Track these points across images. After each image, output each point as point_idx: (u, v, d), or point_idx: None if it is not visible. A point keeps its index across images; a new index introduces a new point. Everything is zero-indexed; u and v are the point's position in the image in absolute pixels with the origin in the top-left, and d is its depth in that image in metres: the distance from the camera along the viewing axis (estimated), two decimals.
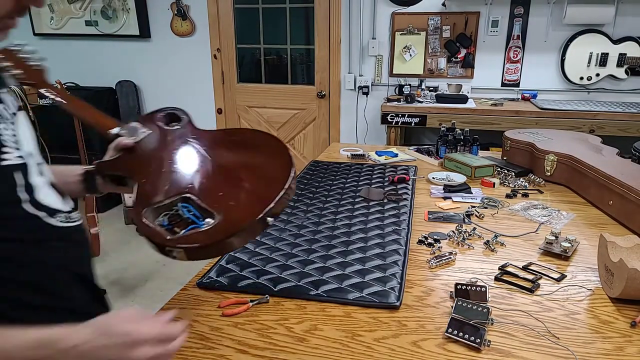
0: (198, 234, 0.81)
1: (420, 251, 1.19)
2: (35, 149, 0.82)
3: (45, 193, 0.79)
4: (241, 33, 3.95)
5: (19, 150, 0.75)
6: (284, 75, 3.98)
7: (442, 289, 1.02)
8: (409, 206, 1.46)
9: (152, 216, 0.87)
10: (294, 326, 0.89)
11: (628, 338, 0.86)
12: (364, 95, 3.77)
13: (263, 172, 0.91)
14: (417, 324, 0.90)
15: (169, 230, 0.84)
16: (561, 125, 2.94)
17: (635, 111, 2.94)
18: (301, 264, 1.10)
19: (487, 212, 1.44)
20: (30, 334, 0.63)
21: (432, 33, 3.53)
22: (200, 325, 0.90)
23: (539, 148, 1.74)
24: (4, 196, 0.71)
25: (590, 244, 1.23)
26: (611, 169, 1.46)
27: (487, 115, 3.09)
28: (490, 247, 1.20)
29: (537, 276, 1.06)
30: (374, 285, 1.01)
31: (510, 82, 3.52)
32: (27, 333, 0.64)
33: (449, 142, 2.00)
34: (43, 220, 0.77)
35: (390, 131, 3.29)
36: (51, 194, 0.81)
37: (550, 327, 0.89)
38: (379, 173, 1.80)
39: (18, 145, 0.75)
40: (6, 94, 0.80)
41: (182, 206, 0.88)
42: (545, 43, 3.40)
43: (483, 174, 1.77)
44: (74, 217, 0.85)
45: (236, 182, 0.90)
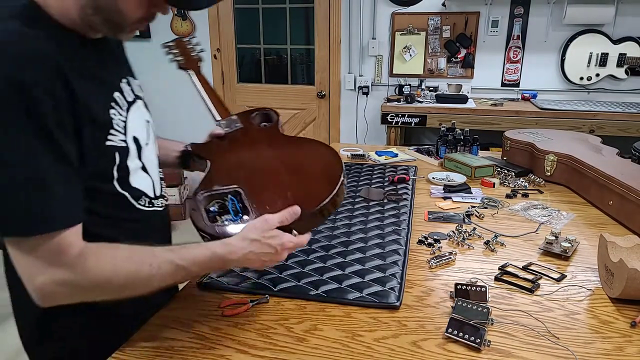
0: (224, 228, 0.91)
1: (420, 251, 1.19)
2: (145, 134, 0.93)
3: (138, 176, 0.89)
4: (241, 33, 3.95)
5: (124, 135, 0.84)
6: (284, 75, 3.98)
7: (442, 289, 1.02)
8: (409, 206, 1.46)
9: (206, 201, 0.98)
10: (293, 326, 0.89)
11: (628, 338, 0.86)
12: (364, 95, 3.77)
13: (306, 188, 0.97)
14: (417, 324, 0.90)
15: (212, 218, 0.95)
16: (561, 126, 2.94)
17: (635, 111, 2.94)
18: (301, 264, 1.10)
19: (487, 212, 1.44)
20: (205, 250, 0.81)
21: (432, 33, 3.53)
22: (200, 325, 0.90)
23: (539, 148, 1.74)
24: (102, 171, 0.81)
25: (590, 244, 1.23)
26: (611, 169, 1.46)
27: (487, 115, 3.09)
28: (490, 247, 1.20)
29: (537, 276, 1.06)
30: (373, 285, 1.01)
31: (510, 82, 3.52)
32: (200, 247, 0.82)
33: (449, 142, 2.00)
34: (128, 200, 0.87)
35: (390, 131, 3.30)
36: (143, 178, 0.91)
37: (550, 327, 0.89)
38: (379, 173, 1.80)
39: (125, 130, 0.85)
40: (126, 84, 0.90)
41: (231, 198, 0.99)
42: (545, 43, 3.40)
43: (483, 174, 1.77)
44: (158, 203, 0.96)
45: (281, 190, 0.98)
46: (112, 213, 0.85)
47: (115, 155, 0.82)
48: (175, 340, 0.86)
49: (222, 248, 0.82)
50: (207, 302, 0.98)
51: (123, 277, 0.75)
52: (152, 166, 0.95)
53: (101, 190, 0.82)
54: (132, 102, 0.90)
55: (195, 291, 1.02)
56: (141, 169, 0.90)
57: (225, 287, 1.02)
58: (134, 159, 0.87)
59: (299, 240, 0.89)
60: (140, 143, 0.89)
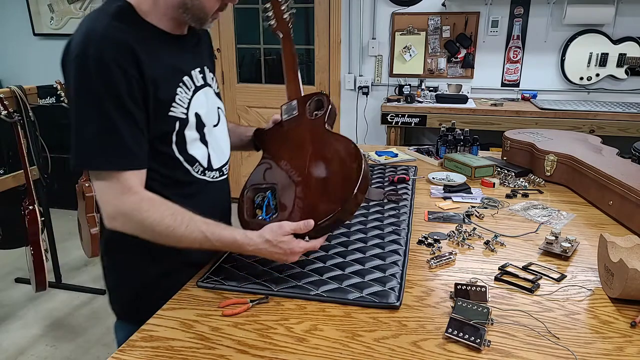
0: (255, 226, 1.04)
1: (420, 251, 1.19)
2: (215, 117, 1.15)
3: (195, 146, 1.07)
4: (241, 33, 3.95)
5: (186, 109, 1.04)
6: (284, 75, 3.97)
7: (442, 289, 1.02)
8: (408, 206, 1.46)
9: (253, 193, 1.15)
10: (294, 326, 0.89)
11: (628, 338, 0.86)
12: (364, 96, 3.77)
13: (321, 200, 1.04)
14: (417, 324, 0.90)
15: (253, 209, 1.13)
16: (561, 126, 2.94)
17: (635, 111, 2.94)
18: (301, 264, 1.10)
19: (487, 212, 1.44)
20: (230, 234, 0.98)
21: (432, 33, 3.53)
22: (200, 325, 0.90)
23: (539, 148, 1.74)
24: (163, 135, 1.02)
25: (590, 244, 1.23)
26: (611, 169, 1.46)
27: (487, 115, 3.09)
28: (490, 247, 1.20)
29: (537, 276, 1.06)
30: (373, 285, 1.01)
31: (510, 82, 3.52)
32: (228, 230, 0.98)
33: (449, 142, 2.00)
34: (183, 165, 1.06)
35: (390, 131, 3.30)
36: (200, 148, 1.09)
37: (551, 327, 0.89)
38: (379, 173, 1.80)
39: (188, 106, 1.04)
40: (198, 72, 1.10)
41: (269, 194, 1.12)
42: (545, 43, 3.40)
43: (483, 174, 1.77)
44: (211, 174, 1.13)
45: (303, 197, 1.07)
46: (169, 174, 1.05)
47: (175, 123, 1.02)
48: (175, 340, 0.86)
49: (242, 238, 0.98)
50: (207, 302, 0.98)
51: (163, 227, 0.95)
52: (217, 143, 1.14)
53: (162, 152, 1.02)
54: (201, 87, 1.10)
55: (195, 291, 1.02)
56: (199, 140, 1.08)
57: (225, 287, 1.02)
58: (192, 130, 1.06)
59: (310, 245, 1.01)
60: (203, 119, 1.09)
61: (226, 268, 1.09)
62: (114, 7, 0.96)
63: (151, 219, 0.94)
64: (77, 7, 4.13)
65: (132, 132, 0.94)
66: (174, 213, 0.96)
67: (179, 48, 1.06)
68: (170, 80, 1.02)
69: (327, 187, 1.05)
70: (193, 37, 1.12)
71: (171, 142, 1.03)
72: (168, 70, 1.01)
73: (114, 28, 0.92)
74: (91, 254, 2.80)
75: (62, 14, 4.18)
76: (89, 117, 0.91)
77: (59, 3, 4.15)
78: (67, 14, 4.17)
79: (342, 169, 1.05)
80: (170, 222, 0.95)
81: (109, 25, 0.92)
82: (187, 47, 1.09)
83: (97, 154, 0.93)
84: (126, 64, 0.91)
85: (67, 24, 4.19)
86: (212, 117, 1.14)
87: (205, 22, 1.03)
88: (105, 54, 0.89)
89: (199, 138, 1.08)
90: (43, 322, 2.57)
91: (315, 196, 1.05)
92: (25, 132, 2.51)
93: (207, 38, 1.22)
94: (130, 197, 0.94)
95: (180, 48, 1.07)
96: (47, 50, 4.33)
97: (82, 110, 0.92)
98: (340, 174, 1.05)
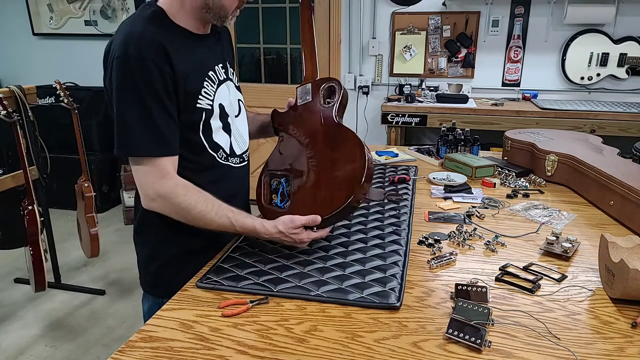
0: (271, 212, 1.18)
1: (420, 252, 1.19)
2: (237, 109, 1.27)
3: (219, 134, 1.19)
4: (241, 33, 3.95)
5: (212, 101, 1.16)
6: (283, 75, 3.97)
7: (443, 289, 1.02)
8: (409, 206, 1.46)
9: (269, 178, 1.26)
10: (293, 327, 0.89)
11: (629, 339, 0.86)
12: (364, 95, 3.77)
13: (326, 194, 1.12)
14: (418, 325, 0.89)
15: (270, 194, 1.23)
16: (562, 125, 2.93)
17: (636, 111, 2.94)
18: (301, 264, 1.10)
19: (488, 213, 1.44)
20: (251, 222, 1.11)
21: (433, 33, 3.52)
22: (199, 325, 0.90)
23: (540, 148, 1.74)
24: (191, 124, 1.13)
25: (591, 244, 1.23)
26: (612, 169, 1.46)
27: (487, 115, 3.09)
28: (491, 247, 1.20)
29: (537, 277, 1.06)
30: (374, 285, 1.00)
31: (510, 82, 3.52)
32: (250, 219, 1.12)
33: (450, 142, 2.00)
34: (208, 151, 1.18)
35: (390, 131, 3.29)
36: (223, 136, 1.20)
37: (551, 328, 0.88)
38: (379, 173, 1.80)
39: (213, 97, 1.16)
40: (221, 67, 1.22)
41: (284, 181, 1.21)
42: (545, 43, 3.39)
43: (484, 174, 1.76)
44: (233, 160, 1.25)
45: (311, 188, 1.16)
46: (197, 159, 1.16)
47: (202, 113, 1.14)
48: (174, 340, 0.86)
49: (260, 227, 1.11)
50: (207, 302, 0.98)
51: (197, 212, 1.08)
52: (238, 132, 1.27)
53: (190, 139, 1.13)
54: (223, 81, 1.22)
55: (195, 292, 1.02)
56: (222, 129, 1.19)
57: (225, 288, 1.02)
58: (216, 119, 1.17)
59: (317, 234, 1.13)
60: (226, 110, 1.21)
61: (226, 268, 1.09)
62: (148, 12, 1.09)
63: (186, 202, 1.07)
64: (76, 7, 4.13)
65: (168, 122, 1.06)
66: (206, 200, 1.09)
67: (203, 46, 1.17)
68: (198, 75, 1.13)
69: (334, 181, 1.13)
70: (214, 35, 1.23)
71: (199, 131, 1.14)
72: (195, 66, 1.12)
73: (149, 31, 1.04)
74: (90, 254, 2.80)
75: (61, 14, 4.18)
76: (130, 109, 1.03)
77: (59, 3, 4.15)
78: (66, 13, 4.17)
79: (348, 165, 1.12)
80: (202, 207, 1.08)
81: (144, 28, 1.04)
82: (210, 45, 1.20)
83: (139, 142, 1.04)
84: (161, 62, 1.03)
85: (66, 24, 4.19)
86: (234, 108, 1.25)
87: (225, 19, 1.14)
88: (144, 54, 1.01)
89: (222, 127, 1.20)
90: (42, 322, 2.57)
91: (323, 189, 1.14)
92: (25, 132, 2.50)
93: (227, 35, 1.33)
94: (168, 182, 1.07)
95: (205, 46, 1.18)
96: (46, 50, 4.33)
97: (124, 104, 1.04)
98: (347, 170, 1.12)
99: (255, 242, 1.21)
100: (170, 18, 1.10)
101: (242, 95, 1.34)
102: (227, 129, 1.21)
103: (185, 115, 1.11)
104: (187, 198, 1.07)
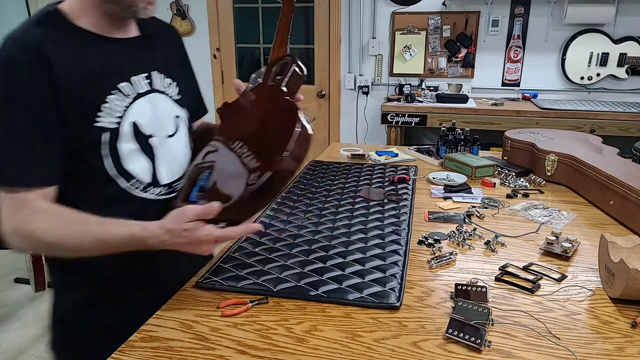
0: None
1: (420, 251, 1.19)
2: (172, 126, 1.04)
3: (134, 159, 0.96)
4: (241, 33, 3.95)
5: (119, 118, 0.93)
6: None
7: (443, 289, 1.02)
8: (409, 206, 1.46)
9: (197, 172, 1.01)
10: (293, 327, 0.89)
11: (629, 338, 0.86)
12: (364, 95, 3.77)
13: None
14: (418, 325, 0.89)
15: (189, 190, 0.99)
16: (562, 125, 2.94)
17: (635, 111, 2.94)
18: (301, 264, 1.10)
19: (488, 212, 1.44)
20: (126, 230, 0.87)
21: (433, 32, 3.53)
22: (199, 325, 0.90)
23: (540, 148, 1.74)
24: (89, 145, 0.91)
25: (591, 244, 1.23)
26: (612, 169, 1.46)
27: (487, 115, 3.09)
28: (491, 247, 1.20)
29: (537, 276, 1.06)
30: (374, 285, 1.01)
31: (510, 82, 3.52)
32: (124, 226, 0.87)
33: (450, 142, 2.00)
34: (116, 181, 0.95)
35: (390, 131, 3.29)
36: (141, 161, 0.97)
37: (551, 328, 0.88)
38: (379, 173, 1.80)
39: (121, 114, 0.94)
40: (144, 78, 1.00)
41: (208, 173, 0.99)
42: (545, 43, 3.40)
43: (483, 174, 1.76)
44: (156, 191, 1.01)
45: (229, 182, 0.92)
46: (101, 191, 0.94)
47: (102, 135, 0.92)
48: (174, 340, 0.86)
49: (140, 232, 0.88)
50: (207, 302, 0.98)
51: (53, 238, 0.86)
52: (170, 156, 1.04)
53: (90, 166, 0.92)
54: (145, 94, 0.99)
55: (195, 291, 1.02)
56: (139, 152, 0.97)
57: (225, 288, 1.02)
58: (128, 141, 0.95)
59: (225, 232, 0.89)
60: (143, 129, 0.98)
61: (226, 268, 1.09)
62: (39, 13, 0.92)
63: (40, 230, 0.86)
64: None
65: (40, 144, 0.87)
66: (67, 221, 0.87)
67: (116, 51, 0.97)
68: (98, 87, 0.92)
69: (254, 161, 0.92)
70: (141, 40, 1.03)
71: (101, 156, 0.93)
72: (95, 75, 0.92)
73: (30, 33, 0.87)
74: None
75: None
76: None
77: None
78: None
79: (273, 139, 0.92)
80: (61, 232, 0.86)
81: (26, 30, 0.88)
82: (129, 50, 0.99)
83: None
84: (38, 69, 0.85)
85: None
86: (165, 127, 1.03)
87: (135, 9, 0.93)
88: (12, 56, 0.85)
89: (140, 150, 0.97)
90: (42, 322, 2.57)
91: None
92: None
93: (167, 38, 1.11)
94: (24, 211, 0.86)
95: (119, 51, 0.97)
96: None
97: None
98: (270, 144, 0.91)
99: (255, 242, 1.21)
100: (69, 19, 0.92)
101: (189, 111, 1.12)
102: (148, 152, 0.99)
103: (77, 136, 0.90)
104: (41, 224, 0.86)
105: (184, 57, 1.17)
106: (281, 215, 1.39)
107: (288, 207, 1.45)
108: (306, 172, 1.81)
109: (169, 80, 1.06)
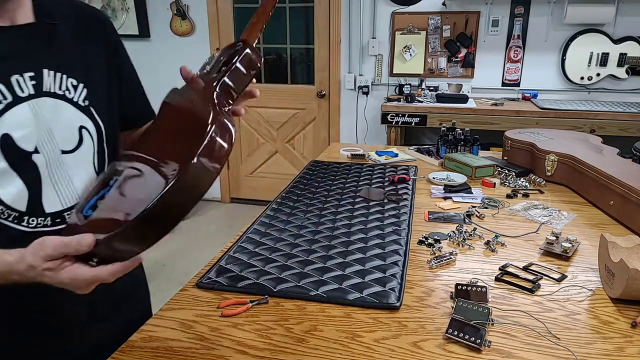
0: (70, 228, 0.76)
1: (420, 251, 1.19)
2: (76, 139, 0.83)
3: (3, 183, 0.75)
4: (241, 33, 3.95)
5: None
6: (283, 74, 3.98)
7: (443, 289, 1.02)
8: (409, 206, 1.46)
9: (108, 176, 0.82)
10: (293, 327, 0.89)
11: (629, 338, 0.86)
12: (364, 95, 3.77)
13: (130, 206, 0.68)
14: (418, 325, 0.89)
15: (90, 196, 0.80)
16: (562, 125, 2.94)
17: (635, 111, 2.94)
18: (301, 264, 1.10)
19: (488, 212, 1.44)
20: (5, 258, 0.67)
21: (433, 33, 3.53)
22: (199, 325, 0.90)
23: (540, 148, 1.74)
24: None
25: (591, 244, 1.23)
26: (612, 169, 1.46)
27: (487, 115, 3.09)
28: (491, 247, 1.20)
29: (537, 276, 1.06)
30: (374, 285, 1.01)
31: (510, 82, 3.52)
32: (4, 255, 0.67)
33: (450, 142, 2.00)
34: None
35: (390, 131, 3.29)
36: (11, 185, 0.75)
37: (551, 328, 0.88)
38: (379, 173, 1.80)
39: None
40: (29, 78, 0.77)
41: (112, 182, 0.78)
42: (545, 43, 3.40)
43: (483, 174, 1.76)
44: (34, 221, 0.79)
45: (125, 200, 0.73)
46: None
47: None
48: (174, 340, 0.86)
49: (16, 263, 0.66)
50: (206, 302, 0.98)
51: None
52: (65, 177, 0.82)
53: None
54: (29, 98, 0.77)
55: (195, 291, 1.02)
56: (11, 173, 0.75)
57: (225, 288, 1.02)
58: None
59: (97, 273, 0.66)
60: (19, 143, 0.76)
61: (226, 268, 1.09)
62: None
63: None
64: None
65: None
66: None
67: None
68: None
69: None
70: (34, 28, 0.79)
71: None
72: None
73: None
74: None
75: None
76: None
77: None
78: None
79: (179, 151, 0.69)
80: None
81: None
82: (10, 41, 0.76)
83: None
84: None
85: None
86: (59, 141, 0.81)
87: None
88: None
89: (11, 170, 0.75)
90: None
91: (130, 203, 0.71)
92: None
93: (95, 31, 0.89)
94: None
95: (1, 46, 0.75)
96: None
97: None
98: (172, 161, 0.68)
99: (256, 242, 1.21)
100: None
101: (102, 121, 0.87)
102: (25, 172, 0.77)
103: None
104: None
105: (113, 52, 0.92)
106: (281, 215, 1.39)
107: (288, 207, 1.45)
108: (306, 172, 1.81)
109: (72, 80, 0.82)
